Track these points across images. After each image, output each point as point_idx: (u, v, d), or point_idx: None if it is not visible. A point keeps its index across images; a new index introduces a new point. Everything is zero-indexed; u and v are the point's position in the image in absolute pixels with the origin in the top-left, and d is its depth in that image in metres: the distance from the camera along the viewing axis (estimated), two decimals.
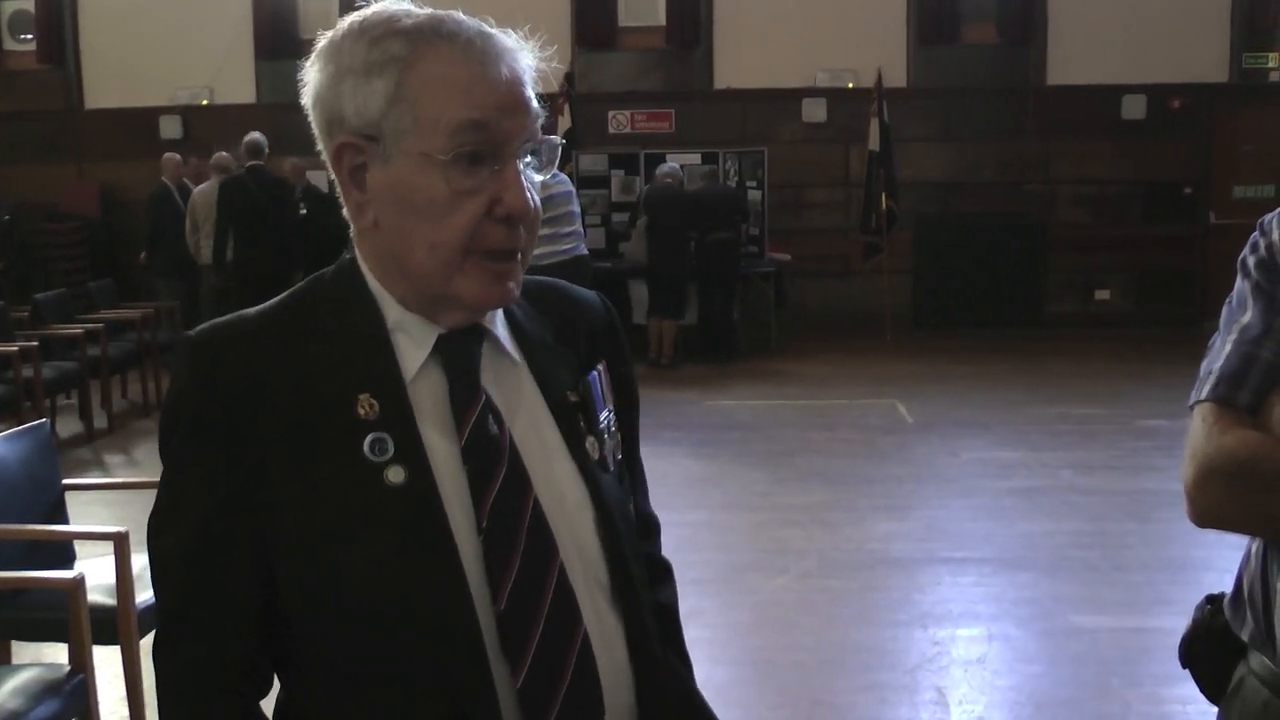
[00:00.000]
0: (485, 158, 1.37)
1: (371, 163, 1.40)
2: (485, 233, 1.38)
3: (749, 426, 9.10)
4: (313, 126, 1.44)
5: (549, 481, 1.46)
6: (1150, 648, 4.77)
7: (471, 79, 1.36)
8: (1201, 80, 13.20)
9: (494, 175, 1.38)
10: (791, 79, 13.37)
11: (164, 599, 1.45)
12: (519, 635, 1.39)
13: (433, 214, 1.37)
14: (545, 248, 9.67)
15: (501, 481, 1.42)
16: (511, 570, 1.39)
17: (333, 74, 1.40)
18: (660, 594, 1.67)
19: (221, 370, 1.41)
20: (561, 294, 1.64)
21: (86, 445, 8.90)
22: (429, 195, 1.37)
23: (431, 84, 1.36)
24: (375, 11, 1.42)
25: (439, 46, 1.37)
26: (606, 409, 1.57)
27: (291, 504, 1.38)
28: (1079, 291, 13.67)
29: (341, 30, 1.42)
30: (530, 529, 1.42)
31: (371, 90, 1.37)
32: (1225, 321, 1.76)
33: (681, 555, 5.54)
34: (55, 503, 4.31)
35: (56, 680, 3.43)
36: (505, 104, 1.38)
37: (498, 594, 1.38)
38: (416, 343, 1.44)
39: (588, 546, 1.47)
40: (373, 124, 1.38)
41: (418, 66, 1.37)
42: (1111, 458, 7.87)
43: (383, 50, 1.37)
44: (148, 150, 13.18)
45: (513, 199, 1.38)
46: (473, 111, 1.36)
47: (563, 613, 1.42)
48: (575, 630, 1.42)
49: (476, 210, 1.37)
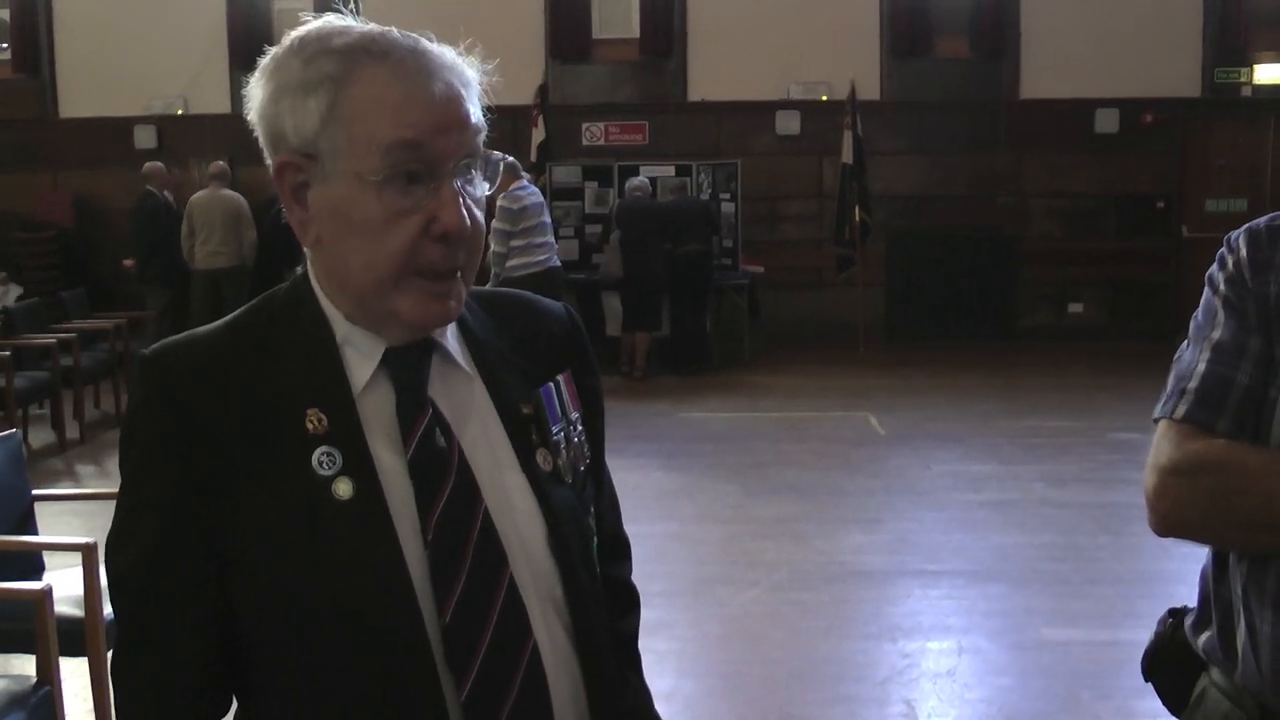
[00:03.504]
0: (421, 177, 1.37)
1: (312, 181, 1.40)
2: (422, 252, 1.38)
3: (721, 438, 9.10)
4: (260, 141, 1.45)
5: (499, 493, 1.46)
6: (1122, 661, 4.77)
7: (403, 98, 1.36)
8: (1174, 94, 13.29)
9: (430, 194, 1.37)
10: (765, 91, 13.41)
11: (122, 616, 1.45)
12: (464, 648, 1.39)
13: (369, 233, 1.37)
14: (518, 259, 9.68)
15: (449, 494, 1.42)
16: (458, 582, 1.39)
17: (272, 91, 1.41)
18: (622, 622, 1.67)
19: (175, 387, 1.41)
20: (523, 305, 1.64)
21: (59, 455, 8.86)
22: (364, 215, 1.37)
23: (363, 104, 1.36)
24: (313, 29, 1.42)
25: (370, 66, 1.37)
26: (562, 421, 1.56)
27: (243, 518, 1.38)
28: (1052, 305, 13.73)
29: (282, 46, 1.43)
30: (479, 541, 1.42)
31: (307, 109, 1.38)
32: (1194, 336, 1.75)
33: (651, 567, 5.58)
34: (24, 513, 4.29)
35: (23, 692, 3.42)
36: (440, 122, 1.37)
37: (443, 606, 1.38)
38: (364, 356, 1.44)
39: (539, 559, 1.47)
40: (310, 143, 1.38)
41: (350, 86, 1.37)
42: (1084, 470, 7.89)
43: (316, 69, 1.38)
44: (123, 160, 13.19)
45: (449, 218, 1.37)
46: (404, 131, 1.35)
47: (511, 625, 1.41)
48: (524, 643, 1.42)
49: (412, 230, 1.37)
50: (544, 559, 1.47)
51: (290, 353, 1.43)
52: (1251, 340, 1.68)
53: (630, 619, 1.71)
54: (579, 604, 1.49)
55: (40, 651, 3.51)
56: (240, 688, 1.47)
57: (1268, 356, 1.68)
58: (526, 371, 1.55)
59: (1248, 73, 13.40)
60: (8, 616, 3.83)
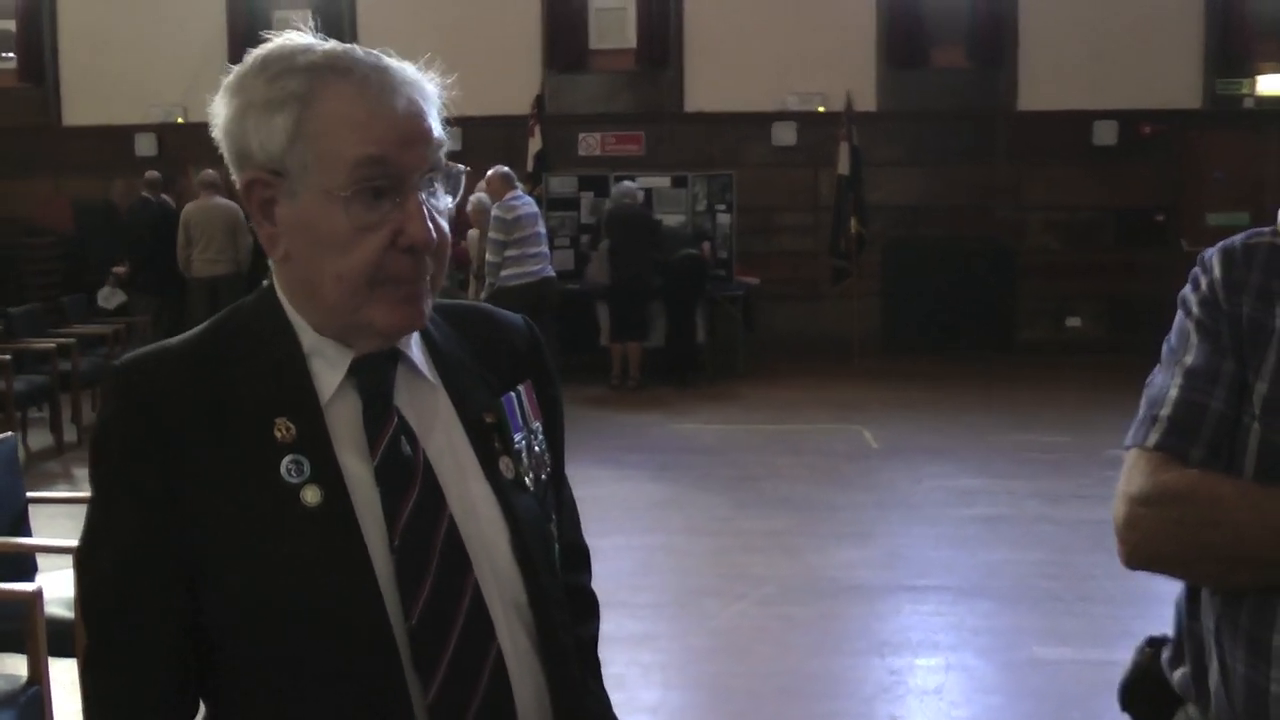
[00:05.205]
0: (386, 191, 1.41)
1: (280, 197, 1.44)
2: (390, 263, 1.42)
3: (712, 450, 9.10)
4: (224, 157, 1.49)
5: (464, 500, 1.50)
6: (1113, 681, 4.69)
7: (368, 115, 1.40)
8: (1174, 106, 13.25)
9: (396, 207, 1.42)
10: (761, 102, 13.41)
11: (92, 623, 1.47)
12: (431, 651, 1.42)
13: (337, 247, 1.42)
14: (512, 269, 9.71)
15: (414, 500, 1.45)
16: (424, 587, 1.43)
17: (237, 108, 1.45)
18: (582, 628, 1.70)
19: (144, 397, 1.44)
20: (483, 317, 1.68)
21: (56, 458, 8.96)
22: (332, 230, 1.41)
23: (329, 121, 1.40)
24: (277, 46, 1.45)
25: (335, 84, 1.41)
26: (523, 429, 1.60)
27: (213, 526, 1.41)
28: (1049, 318, 13.70)
29: (246, 64, 1.46)
30: (444, 547, 1.45)
31: (273, 127, 1.42)
32: (1166, 360, 1.71)
33: (638, 579, 5.61)
34: (18, 515, 4.34)
35: (12, 692, 3.47)
36: (404, 137, 1.42)
37: (410, 610, 1.42)
38: (332, 366, 1.48)
39: (503, 565, 1.50)
40: (277, 160, 1.42)
41: (315, 104, 1.41)
42: (1078, 487, 7.82)
43: (281, 87, 1.42)
44: (123, 167, 13.25)
45: (415, 230, 1.42)
46: (370, 147, 1.40)
47: (476, 629, 1.45)
48: (488, 647, 1.46)
49: (380, 243, 1.41)
50: (508, 564, 1.51)
51: (259, 363, 1.47)
52: (1225, 364, 1.64)
53: (590, 625, 1.75)
54: (542, 608, 1.52)
55: (31, 652, 3.54)
56: (208, 692, 1.50)
57: (1242, 381, 1.63)
58: (488, 381, 1.59)
59: (1250, 84, 13.34)
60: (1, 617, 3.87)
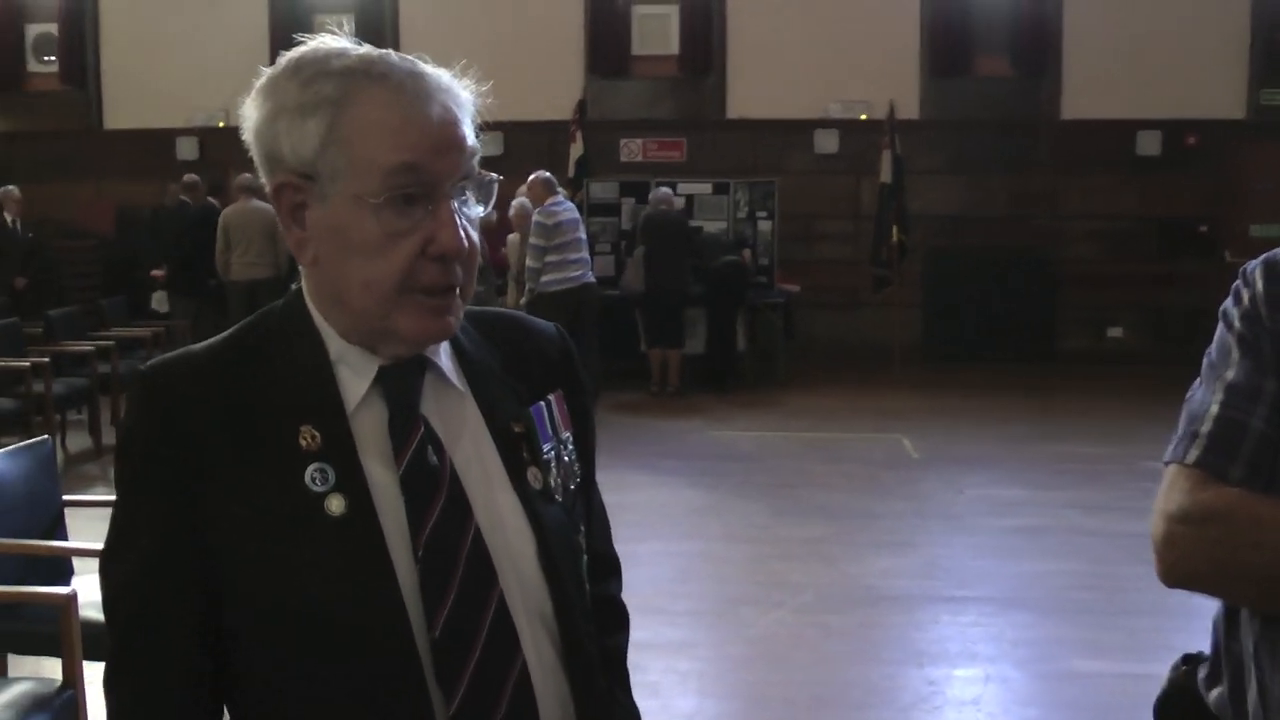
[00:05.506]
0: (418, 198, 1.39)
1: (310, 201, 1.42)
2: (420, 271, 1.40)
3: (751, 458, 9.08)
4: (255, 160, 1.47)
5: (490, 510, 1.47)
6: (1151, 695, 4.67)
7: (403, 121, 1.39)
8: (1218, 116, 13.15)
9: (428, 215, 1.40)
10: (803, 109, 13.41)
11: (115, 628, 1.46)
12: (453, 663, 1.40)
13: (367, 253, 1.40)
14: (552, 275, 9.70)
15: (440, 510, 1.43)
16: (448, 598, 1.41)
17: (269, 112, 1.42)
18: (610, 640, 1.67)
19: (169, 404, 1.43)
20: (514, 324, 1.66)
21: (94, 461, 9.00)
22: (362, 236, 1.39)
23: (363, 127, 1.38)
24: (310, 50, 1.43)
25: (370, 89, 1.39)
26: (553, 439, 1.57)
27: (235, 533, 1.40)
28: (1091, 328, 13.61)
29: (279, 67, 1.44)
30: (469, 557, 1.43)
31: (306, 131, 1.40)
32: (1207, 374, 1.67)
33: (676, 585, 5.59)
34: (54, 518, 4.35)
35: (47, 695, 3.46)
36: (438, 144, 1.40)
37: (433, 621, 1.40)
38: (358, 374, 1.46)
39: (529, 576, 1.48)
40: (308, 164, 1.40)
41: (349, 109, 1.39)
42: (1118, 498, 7.76)
43: (315, 91, 1.39)
44: (164, 171, 13.31)
45: (446, 239, 1.40)
46: (404, 154, 1.38)
47: (501, 642, 1.43)
48: (513, 659, 1.43)
49: (411, 250, 1.39)
50: (534, 576, 1.48)
51: (284, 370, 1.45)
52: (1267, 382, 1.60)
53: (619, 637, 1.72)
54: (568, 621, 1.50)
55: (65, 655, 3.54)
56: (230, 700, 1.48)
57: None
58: (518, 390, 1.57)
59: None
60: (35, 620, 3.89)
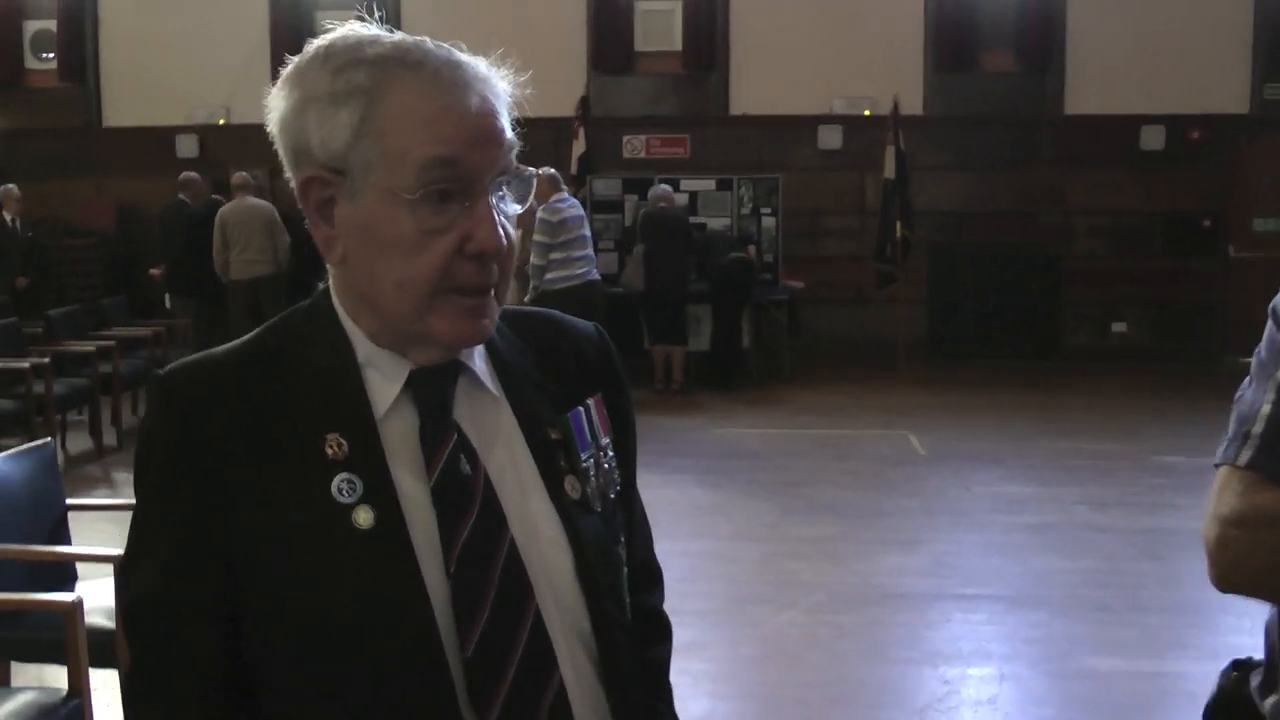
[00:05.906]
0: (455, 194, 1.32)
1: (339, 197, 1.35)
2: (456, 270, 1.33)
3: (758, 455, 9.04)
4: (279, 154, 1.40)
5: (525, 522, 1.41)
6: (1167, 692, 4.66)
7: (439, 111, 1.31)
8: (1222, 111, 13.10)
9: (465, 211, 1.33)
10: (807, 105, 13.34)
11: (136, 635, 1.41)
12: (487, 683, 1.34)
13: (401, 251, 1.33)
14: (557, 272, 9.66)
15: (473, 523, 1.36)
16: (481, 616, 1.34)
17: (298, 101, 1.36)
18: (652, 652, 1.61)
19: (188, 409, 1.37)
20: (552, 325, 1.58)
21: (96, 462, 8.92)
22: (397, 232, 1.32)
23: (398, 117, 1.31)
24: (341, 37, 1.36)
25: (405, 77, 1.32)
26: (591, 446, 1.50)
27: (259, 546, 1.34)
28: (1095, 324, 13.57)
29: (307, 56, 1.37)
30: (504, 572, 1.36)
31: (337, 122, 1.32)
32: (1257, 373, 1.63)
33: (685, 586, 5.54)
34: (57, 523, 4.29)
35: (53, 704, 3.40)
36: (476, 137, 1.32)
37: (465, 639, 1.33)
38: (387, 379, 1.39)
39: (565, 591, 1.41)
40: (339, 157, 1.33)
41: (383, 99, 1.31)
42: (1127, 494, 7.75)
43: (347, 80, 1.32)
44: (164, 168, 13.24)
45: (485, 236, 1.33)
46: (440, 147, 1.31)
47: (537, 659, 1.36)
48: (550, 678, 1.37)
49: (447, 248, 1.32)
50: (571, 590, 1.42)
51: (310, 374, 1.39)
52: None
53: (661, 649, 1.65)
54: (606, 637, 1.43)
55: (71, 663, 3.48)
56: (254, 715, 1.41)
57: None
58: (555, 395, 1.49)
59: None
60: (39, 627, 3.83)
